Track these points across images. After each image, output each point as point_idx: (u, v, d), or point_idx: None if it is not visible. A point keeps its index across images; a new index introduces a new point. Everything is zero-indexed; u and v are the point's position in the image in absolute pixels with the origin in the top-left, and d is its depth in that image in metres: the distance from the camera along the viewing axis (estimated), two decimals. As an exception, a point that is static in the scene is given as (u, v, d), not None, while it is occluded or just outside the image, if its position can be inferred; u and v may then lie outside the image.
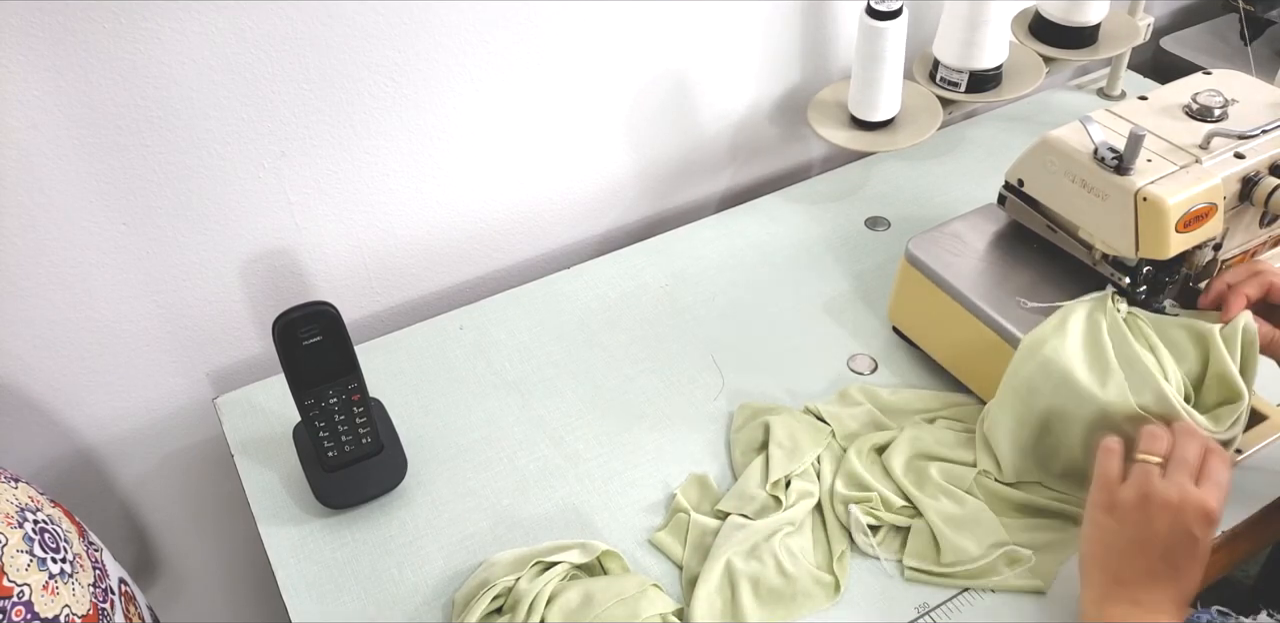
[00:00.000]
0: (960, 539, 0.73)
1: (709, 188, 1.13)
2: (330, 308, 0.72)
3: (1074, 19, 1.03)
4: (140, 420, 0.95)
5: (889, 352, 0.91)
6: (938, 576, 0.73)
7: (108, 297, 0.85)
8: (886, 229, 1.04)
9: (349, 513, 0.80)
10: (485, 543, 0.78)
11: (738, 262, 1.01)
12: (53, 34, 0.69)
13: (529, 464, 0.83)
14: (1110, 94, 1.20)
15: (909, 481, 0.77)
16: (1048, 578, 0.72)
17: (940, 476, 0.77)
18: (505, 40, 0.87)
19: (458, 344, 0.94)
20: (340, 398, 0.76)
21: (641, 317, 0.96)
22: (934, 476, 0.77)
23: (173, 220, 0.83)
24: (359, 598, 0.75)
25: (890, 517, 0.75)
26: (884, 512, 0.75)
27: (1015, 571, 0.72)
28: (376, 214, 0.93)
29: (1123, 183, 0.71)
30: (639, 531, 0.78)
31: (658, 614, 0.70)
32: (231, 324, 0.93)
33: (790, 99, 1.10)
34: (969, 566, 0.72)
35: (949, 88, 1.03)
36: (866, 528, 0.75)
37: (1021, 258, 0.83)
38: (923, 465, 0.78)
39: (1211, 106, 0.76)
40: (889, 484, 0.77)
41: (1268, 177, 0.73)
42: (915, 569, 0.73)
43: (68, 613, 0.65)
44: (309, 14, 0.77)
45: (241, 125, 0.80)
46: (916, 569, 0.73)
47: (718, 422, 0.86)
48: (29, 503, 0.69)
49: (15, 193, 0.75)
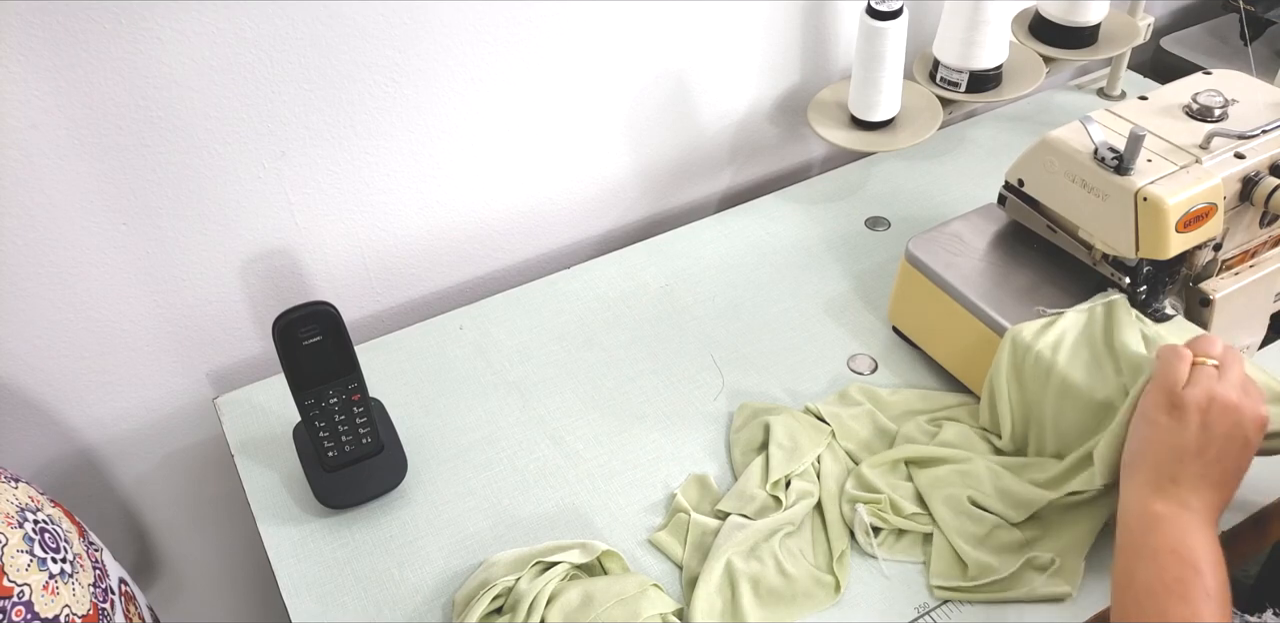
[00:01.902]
0: (982, 555, 0.72)
1: (709, 188, 1.13)
2: (330, 308, 0.72)
3: (1074, 19, 1.03)
4: (140, 420, 0.95)
5: (889, 352, 0.91)
6: (967, 591, 0.72)
7: (108, 297, 0.85)
8: (886, 229, 1.04)
9: (349, 513, 0.80)
10: (485, 543, 0.78)
11: (737, 262, 1.01)
12: (53, 34, 0.69)
13: (529, 464, 0.83)
14: (1110, 94, 1.20)
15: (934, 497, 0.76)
16: (1074, 580, 0.71)
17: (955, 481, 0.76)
18: (505, 40, 0.87)
19: (458, 344, 0.94)
20: (340, 398, 0.76)
21: (641, 317, 0.96)
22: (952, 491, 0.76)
23: (173, 220, 0.83)
24: (359, 598, 0.75)
25: (898, 521, 0.75)
26: (891, 515, 0.75)
27: (1043, 577, 0.71)
28: (376, 214, 0.93)
29: (1123, 183, 0.71)
30: (639, 531, 0.78)
31: (658, 614, 0.70)
32: (231, 324, 0.93)
33: (790, 99, 1.10)
34: (996, 577, 0.71)
35: (949, 88, 1.03)
36: (870, 528, 0.75)
37: (1021, 258, 0.83)
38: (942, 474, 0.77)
39: (1211, 106, 0.76)
40: (902, 491, 0.77)
41: (1268, 177, 0.73)
42: (943, 588, 0.72)
43: (68, 613, 0.65)
44: (309, 14, 0.77)
45: (241, 125, 0.80)
46: (944, 587, 0.72)
47: (718, 422, 0.86)
48: (29, 503, 0.69)
49: (15, 193, 0.75)
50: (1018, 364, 0.76)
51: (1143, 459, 0.65)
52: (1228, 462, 0.63)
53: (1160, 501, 0.62)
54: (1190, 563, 0.59)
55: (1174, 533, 0.60)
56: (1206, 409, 0.63)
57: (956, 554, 0.73)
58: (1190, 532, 0.60)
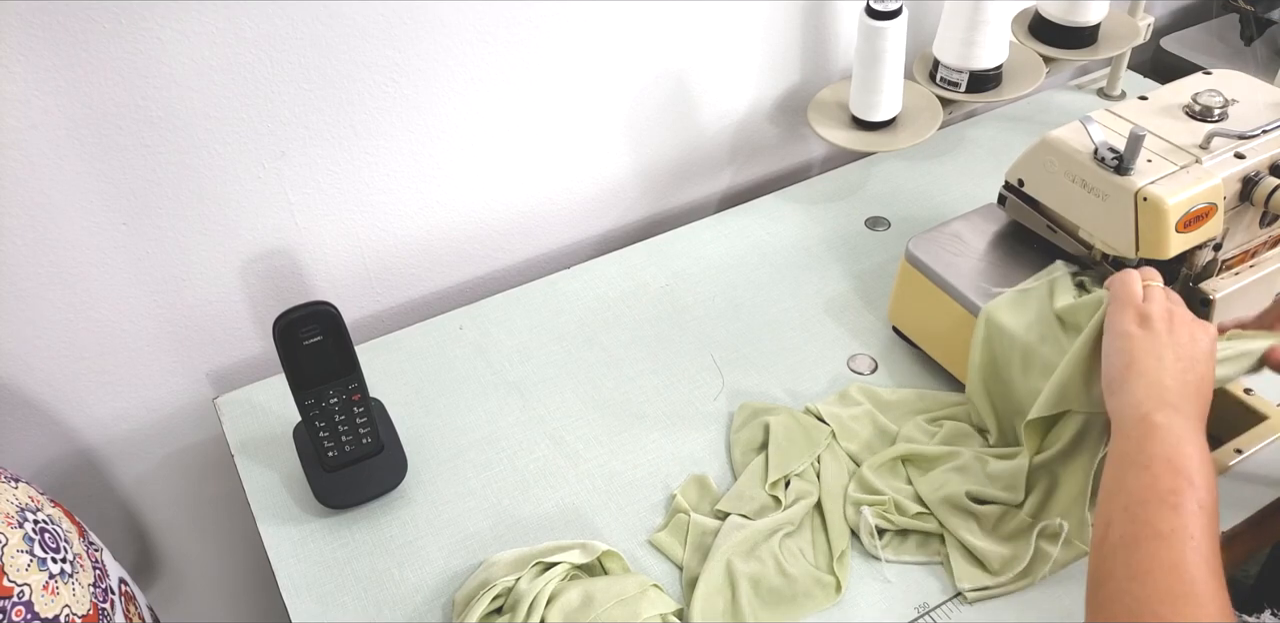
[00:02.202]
0: (998, 548, 0.73)
1: (709, 188, 1.13)
2: (330, 308, 0.72)
3: (1074, 19, 1.03)
4: (140, 420, 0.95)
5: (889, 352, 0.91)
6: (999, 588, 0.72)
7: (108, 297, 0.85)
8: (886, 229, 1.04)
9: (349, 513, 0.80)
10: (485, 543, 0.78)
11: (738, 261, 1.01)
12: (53, 34, 0.69)
13: (529, 464, 0.83)
14: (1110, 94, 1.20)
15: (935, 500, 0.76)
16: (1086, 537, 0.72)
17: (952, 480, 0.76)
18: (505, 40, 0.87)
19: (458, 344, 0.94)
20: (340, 398, 0.76)
21: (641, 317, 0.96)
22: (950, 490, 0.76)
23: (173, 220, 0.83)
24: (359, 598, 0.75)
25: (904, 521, 0.75)
26: (896, 515, 0.75)
27: (1058, 547, 0.72)
28: (376, 214, 0.93)
29: (1123, 183, 0.71)
30: (639, 531, 0.78)
31: (658, 615, 0.70)
32: (231, 324, 0.93)
33: (790, 99, 1.10)
34: (1021, 565, 0.71)
35: (949, 88, 1.03)
36: (875, 530, 0.75)
37: (1021, 258, 0.83)
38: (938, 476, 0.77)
39: (1212, 106, 0.76)
40: (905, 493, 0.77)
41: (1268, 177, 0.73)
42: (975, 589, 0.72)
43: (68, 613, 0.65)
44: (309, 14, 0.77)
45: (241, 125, 0.80)
46: (976, 589, 0.72)
47: (718, 422, 0.86)
48: (29, 503, 0.69)
49: (15, 192, 0.75)
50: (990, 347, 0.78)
51: (1128, 371, 0.64)
52: (1201, 369, 0.64)
53: (1156, 409, 0.61)
54: (1185, 474, 0.57)
55: (1170, 441, 0.59)
56: (1169, 320, 0.65)
57: (974, 554, 0.73)
58: (1185, 441, 0.59)
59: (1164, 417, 0.61)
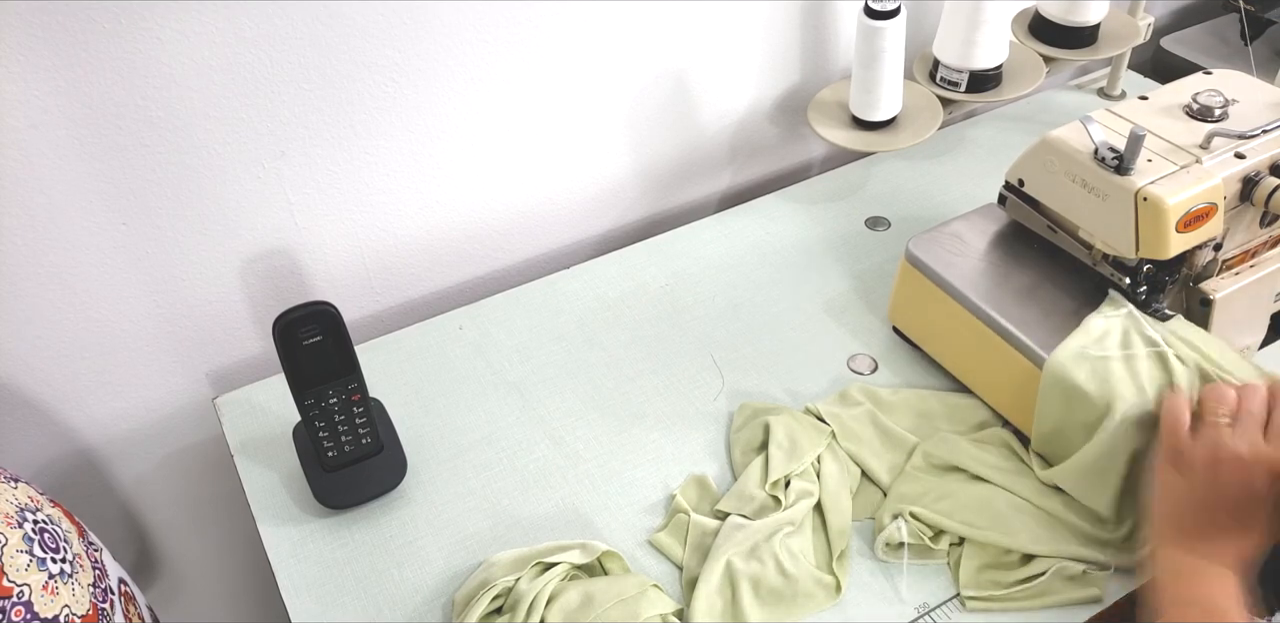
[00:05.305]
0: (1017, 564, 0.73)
1: (709, 188, 1.13)
2: (330, 308, 0.72)
3: (1074, 19, 1.03)
4: (140, 420, 0.95)
5: (889, 352, 0.91)
6: (999, 601, 0.72)
7: (108, 297, 0.85)
8: (886, 229, 1.04)
9: (349, 513, 0.80)
10: (485, 543, 0.78)
11: (737, 261, 1.01)
12: (53, 34, 0.69)
13: (529, 464, 0.83)
14: (1110, 94, 1.20)
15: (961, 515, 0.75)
16: (1101, 584, 0.71)
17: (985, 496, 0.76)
18: (505, 40, 0.87)
19: (458, 344, 0.94)
20: (340, 398, 0.76)
21: (641, 317, 0.96)
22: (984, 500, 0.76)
23: (173, 220, 0.83)
24: (359, 598, 0.75)
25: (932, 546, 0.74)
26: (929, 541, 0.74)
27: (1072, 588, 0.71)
28: (376, 214, 0.93)
29: (1123, 183, 0.71)
30: (639, 531, 0.78)
31: (658, 615, 0.70)
32: (231, 324, 0.93)
33: (790, 99, 1.10)
34: (1028, 586, 0.71)
35: (949, 88, 1.03)
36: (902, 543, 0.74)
37: (1022, 258, 0.83)
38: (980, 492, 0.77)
39: (1212, 106, 0.76)
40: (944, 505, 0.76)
41: (1268, 177, 0.73)
42: (975, 598, 0.72)
43: (67, 613, 0.65)
44: (309, 14, 0.77)
45: (241, 125, 0.80)
46: (976, 597, 0.72)
47: (718, 422, 0.86)
48: (29, 503, 0.69)
49: (15, 193, 0.75)
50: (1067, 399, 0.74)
51: (1158, 515, 0.66)
52: (1244, 513, 0.63)
53: (1184, 552, 0.63)
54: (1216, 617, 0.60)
55: (1200, 587, 0.61)
56: (1212, 466, 0.63)
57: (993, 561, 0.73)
58: (1215, 585, 0.61)
59: (1191, 561, 0.62)
